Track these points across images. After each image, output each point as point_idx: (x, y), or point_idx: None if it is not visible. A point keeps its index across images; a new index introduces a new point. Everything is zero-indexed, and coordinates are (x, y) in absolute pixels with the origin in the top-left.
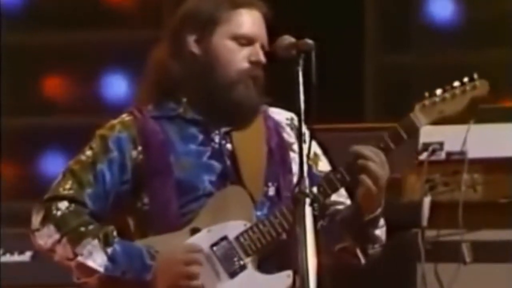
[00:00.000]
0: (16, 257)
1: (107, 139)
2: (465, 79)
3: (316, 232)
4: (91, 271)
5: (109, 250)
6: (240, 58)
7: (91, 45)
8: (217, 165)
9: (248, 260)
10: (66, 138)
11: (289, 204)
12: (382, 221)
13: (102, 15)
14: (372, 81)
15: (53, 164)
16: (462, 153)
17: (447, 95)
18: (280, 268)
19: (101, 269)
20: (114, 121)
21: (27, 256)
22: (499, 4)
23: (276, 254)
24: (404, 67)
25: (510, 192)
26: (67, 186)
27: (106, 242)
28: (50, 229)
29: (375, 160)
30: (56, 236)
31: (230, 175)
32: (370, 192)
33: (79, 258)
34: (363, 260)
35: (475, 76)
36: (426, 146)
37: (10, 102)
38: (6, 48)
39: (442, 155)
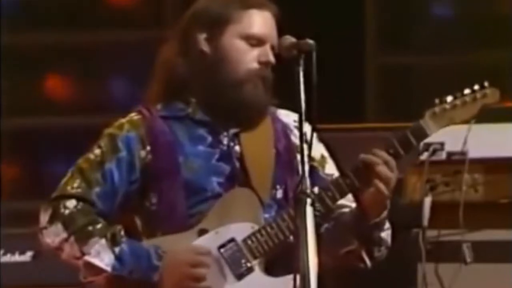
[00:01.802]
0: (16, 257)
1: (116, 138)
2: (476, 87)
3: (317, 232)
4: (99, 270)
5: (117, 249)
6: (249, 58)
7: (92, 45)
8: (225, 167)
9: (255, 263)
10: (66, 138)
11: None
12: (387, 224)
13: (102, 15)
14: (373, 81)
15: (53, 164)
16: (463, 153)
17: (457, 102)
18: (287, 271)
19: (109, 269)
20: (123, 120)
21: (27, 256)
22: (500, 4)
23: (284, 257)
24: (404, 67)
25: (511, 192)
26: (75, 184)
27: (113, 242)
28: (58, 227)
29: (384, 164)
30: (64, 234)
31: (239, 177)
32: (382, 196)
33: (87, 257)
34: (369, 263)
35: (486, 83)
36: (427, 146)
37: (10, 102)
38: (6, 48)
39: (443, 155)
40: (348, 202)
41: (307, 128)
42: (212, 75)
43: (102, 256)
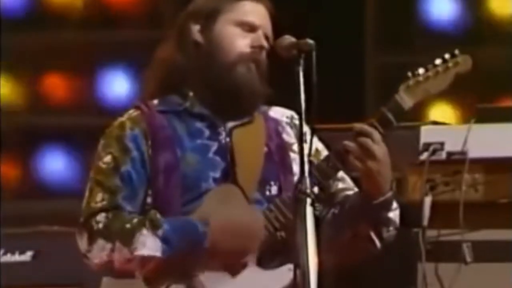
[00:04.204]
0: (16, 257)
1: (123, 139)
2: (447, 56)
3: (317, 232)
4: (149, 259)
5: (160, 232)
6: (242, 44)
7: (91, 45)
8: (220, 161)
9: (248, 257)
10: (66, 138)
11: (283, 197)
12: (395, 204)
13: (102, 15)
14: (372, 81)
15: (53, 164)
16: (463, 153)
17: (430, 73)
18: (280, 262)
19: (158, 253)
20: (122, 119)
21: (28, 255)
22: (499, 3)
23: (275, 248)
24: (404, 67)
25: (511, 192)
26: (98, 198)
27: (154, 227)
28: (99, 243)
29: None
30: (108, 246)
31: (231, 172)
32: (370, 171)
33: (136, 253)
34: (378, 244)
35: (456, 51)
36: (426, 146)
37: (10, 102)
38: (6, 48)
39: (442, 155)
40: (349, 185)
41: (305, 128)
42: (207, 64)
43: (148, 245)
